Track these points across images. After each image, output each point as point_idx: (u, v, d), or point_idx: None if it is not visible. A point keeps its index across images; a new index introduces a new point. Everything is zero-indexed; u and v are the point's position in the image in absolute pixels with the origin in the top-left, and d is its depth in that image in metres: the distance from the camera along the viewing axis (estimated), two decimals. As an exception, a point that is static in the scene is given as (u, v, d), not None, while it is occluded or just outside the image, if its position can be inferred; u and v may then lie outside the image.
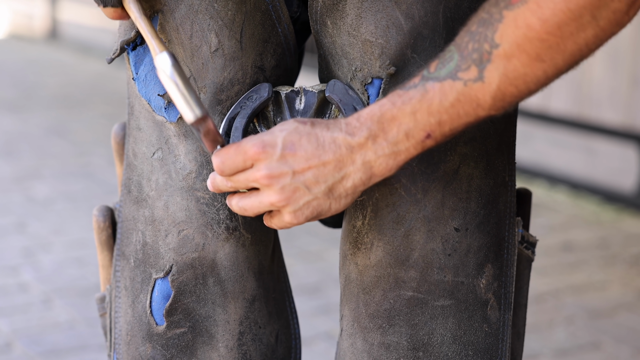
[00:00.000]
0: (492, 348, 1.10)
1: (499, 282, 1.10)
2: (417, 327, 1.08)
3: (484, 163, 1.08)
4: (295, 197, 0.99)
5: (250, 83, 1.10)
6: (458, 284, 1.08)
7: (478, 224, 1.08)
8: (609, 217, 3.67)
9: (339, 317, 1.15)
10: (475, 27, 0.95)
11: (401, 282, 1.08)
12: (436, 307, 1.08)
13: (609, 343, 2.58)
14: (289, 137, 0.98)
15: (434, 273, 1.07)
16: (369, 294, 1.09)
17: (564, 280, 3.00)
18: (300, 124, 0.99)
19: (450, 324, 1.08)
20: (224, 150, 1.01)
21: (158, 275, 1.12)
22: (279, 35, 1.11)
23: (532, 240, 1.16)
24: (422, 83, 0.96)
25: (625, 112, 3.79)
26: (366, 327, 1.10)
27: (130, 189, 1.15)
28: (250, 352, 1.15)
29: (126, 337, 1.16)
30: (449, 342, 1.08)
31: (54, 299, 2.82)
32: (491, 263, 1.10)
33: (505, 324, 1.11)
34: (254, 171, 0.99)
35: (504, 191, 1.11)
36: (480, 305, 1.09)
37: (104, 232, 1.20)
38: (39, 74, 7.06)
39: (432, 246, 1.07)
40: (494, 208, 1.10)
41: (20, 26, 9.49)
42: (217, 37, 1.08)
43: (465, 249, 1.08)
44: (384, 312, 1.09)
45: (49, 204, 3.77)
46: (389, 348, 1.09)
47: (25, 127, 5.22)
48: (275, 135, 0.99)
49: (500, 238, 1.11)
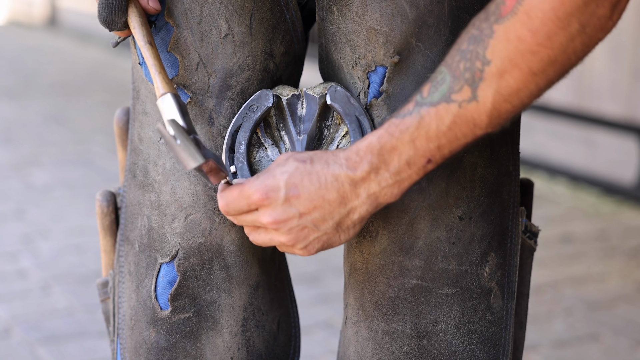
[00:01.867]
0: (496, 336, 1.10)
1: (502, 271, 1.10)
2: (422, 315, 1.08)
3: (487, 152, 1.08)
4: (304, 235, 1.00)
5: (260, 69, 1.10)
6: (462, 273, 1.08)
7: (482, 213, 1.08)
8: (609, 209, 3.68)
9: (344, 306, 1.15)
10: (465, 44, 0.95)
11: (405, 270, 1.08)
12: (440, 296, 1.08)
13: (607, 335, 2.59)
14: (290, 179, 0.98)
15: (438, 261, 1.07)
16: (373, 282, 1.09)
17: (563, 272, 3.01)
18: (300, 163, 0.99)
19: (455, 312, 1.08)
20: (228, 192, 1.01)
21: (164, 260, 1.12)
22: (287, 22, 1.11)
23: (535, 230, 1.16)
24: (416, 109, 0.96)
25: (625, 104, 3.78)
26: (371, 315, 1.10)
27: (136, 174, 1.15)
28: (253, 339, 1.15)
29: (130, 322, 1.15)
30: (453, 331, 1.08)
31: (53, 285, 2.82)
32: (494, 252, 1.10)
33: (508, 313, 1.11)
34: (260, 215, 1.00)
35: (507, 181, 1.11)
36: (483, 293, 1.09)
37: (107, 217, 1.20)
38: (38, 61, 7.06)
39: (437, 234, 1.07)
40: (497, 197, 1.10)
41: (20, 13, 9.47)
42: (227, 22, 1.08)
43: (469, 237, 1.08)
44: (389, 300, 1.08)
45: (48, 191, 3.77)
46: (393, 336, 1.09)
47: (24, 115, 5.21)
48: (277, 178, 0.99)
49: (504, 227, 1.11)
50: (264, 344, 1.17)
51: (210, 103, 1.10)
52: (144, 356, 1.14)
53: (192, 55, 1.09)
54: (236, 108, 1.10)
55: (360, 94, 1.07)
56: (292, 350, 1.23)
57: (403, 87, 1.05)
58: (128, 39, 1.14)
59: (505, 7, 0.92)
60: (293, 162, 1.00)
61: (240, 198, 1.00)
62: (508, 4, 0.92)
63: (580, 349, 2.50)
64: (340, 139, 1.09)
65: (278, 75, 1.13)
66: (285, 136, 1.10)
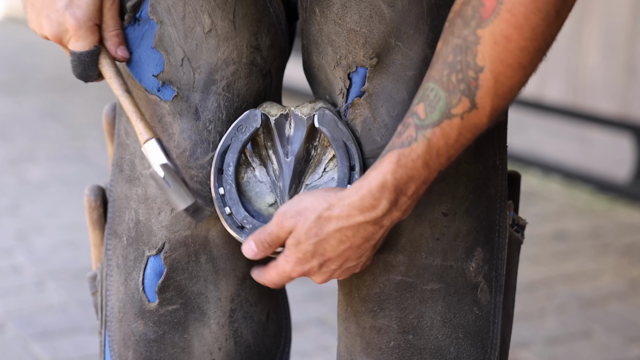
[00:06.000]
0: (483, 330, 1.11)
1: (489, 265, 1.11)
2: (407, 311, 1.09)
3: (472, 148, 1.07)
4: (338, 274, 1.06)
5: (247, 63, 1.11)
6: (447, 268, 1.09)
7: (467, 208, 1.09)
8: (602, 206, 3.68)
9: (338, 303, 1.16)
10: (451, 56, 0.96)
11: (390, 267, 1.08)
12: (425, 291, 1.08)
13: (600, 332, 2.59)
14: (318, 249, 1.02)
15: (422, 257, 1.08)
16: (360, 278, 1.10)
17: (556, 269, 3.01)
18: (314, 231, 1.02)
19: (440, 307, 1.09)
20: (267, 272, 1.08)
21: (151, 253, 1.13)
22: (271, 15, 1.12)
23: (522, 223, 1.17)
24: (420, 134, 0.97)
25: (619, 102, 3.79)
26: (358, 310, 1.11)
27: (123, 168, 1.16)
28: (241, 329, 1.17)
29: (118, 314, 1.16)
30: (439, 325, 1.09)
31: (47, 281, 2.82)
32: (481, 246, 1.10)
33: (496, 307, 1.12)
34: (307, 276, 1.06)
35: (494, 175, 1.11)
36: (470, 288, 1.10)
37: (95, 211, 1.21)
38: (34, 56, 7.04)
39: (420, 231, 1.07)
40: (483, 192, 1.10)
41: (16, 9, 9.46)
42: (210, 17, 1.09)
43: (454, 233, 1.08)
44: (374, 295, 1.09)
45: (43, 187, 3.77)
46: (380, 331, 1.10)
47: (19, 110, 5.21)
48: (301, 255, 1.03)
49: (491, 222, 1.11)
50: (252, 334, 1.18)
51: (196, 98, 1.10)
52: (133, 348, 1.15)
53: (177, 51, 1.10)
54: (222, 102, 1.11)
55: (342, 94, 1.08)
56: (282, 341, 1.24)
57: (384, 86, 1.06)
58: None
59: (485, 9, 0.93)
60: (305, 239, 1.02)
61: (280, 275, 1.06)
62: (488, 6, 0.93)
63: (573, 346, 2.50)
64: (328, 162, 1.10)
65: (267, 68, 1.13)
66: (272, 156, 1.11)
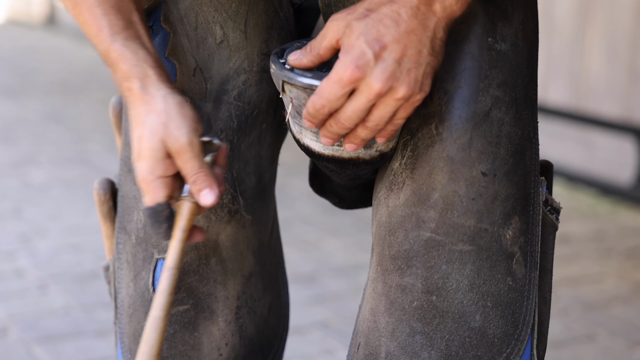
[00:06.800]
0: (516, 303, 1.05)
1: (525, 237, 1.06)
2: (432, 270, 1.03)
3: (513, 110, 1.05)
4: (414, 77, 0.94)
5: (257, 70, 1.11)
6: (481, 231, 1.03)
7: (507, 172, 1.04)
8: (605, 209, 3.68)
9: (370, 268, 1.12)
10: None
11: (421, 222, 1.04)
12: (454, 251, 1.03)
13: (603, 335, 2.59)
14: (368, 37, 0.93)
15: (454, 216, 1.03)
16: (393, 234, 1.06)
17: (559, 272, 3.01)
18: (364, 17, 0.93)
19: (469, 271, 1.03)
20: (318, 89, 0.95)
21: (160, 256, 1.15)
22: (281, 20, 1.12)
23: (557, 207, 1.12)
24: None
25: (622, 105, 3.79)
26: (387, 269, 1.06)
27: (131, 168, 1.16)
28: (245, 324, 1.19)
29: (128, 309, 1.18)
30: (465, 290, 1.03)
31: (50, 284, 2.82)
32: (518, 215, 1.05)
33: (531, 282, 1.07)
34: (365, 91, 0.94)
35: (529, 146, 1.07)
36: (505, 256, 1.04)
37: (105, 204, 1.23)
38: (37, 60, 7.05)
39: (454, 188, 1.03)
40: (521, 159, 1.06)
41: (18, 12, 9.47)
42: (222, 29, 1.09)
43: (492, 195, 1.04)
44: (404, 252, 1.05)
45: (46, 190, 3.77)
46: (404, 290, 1.05)
47: (22, 113, 5.21)
48: (354, 46, 0.93)
49: (527, 192, 1.07)
50: (255, 328, 1.21)
51: (208, 107, 1.11)
52: None
53: (189, 61, 1.10)
54: (233, 111, 1.11)
55: None
56: (280, 330, 1.27)
57: None
58: None
59: None
60: (356, 23, 0.93)
61: (332, 85, 0.94)
62: None
63: (577, 350, 2.50)
64: None
65: None
66: None
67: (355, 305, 2.60)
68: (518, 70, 1.05)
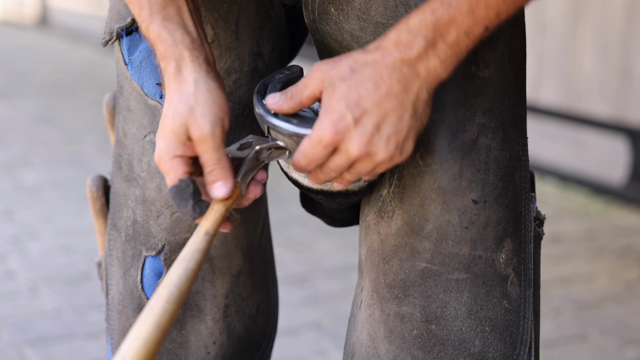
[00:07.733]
0: (513, 325, 1.07)
1: (518, 257, 1.07)
2: (430, 299, 1.05)
3: (500, 134, 1.06)
4: (395, 142, 0.94)
5: (249, 70, 1.12)
6: (475, 258, 1.05)
7: (496, 197, 1.06)
8: (597, 209, 3.68)
9: (359, 290, 1.13)
10: None
11: (416, 253, 1.05)
12: (450, 280, 1.05)
13: (595, 335, 2.59)
14: (349, 100, 0.93)
15: (449, 245, 1.04)
16: (387, 263, 1.07)
17: (551, 272, 3.01)
18: (347, 78, 0.93)
19: (466, 298, 1.05)
20: (300, 148, 0.96)
21: (149, 254, 1.15)
22: (272, 20, 1.13)
23: (542, 218, 1.14)
24: None
25: (614, 105, 3.79)
26: (384, 297, 1.08)
27: (121, 166, 1.17)
28: (233, 323, 1.19)
29: (118, 306, 1.19)
30: (464, 317, 1.05)
31: (42, 286, 2.81)
32: (510, 238, 1.07)
33: (526, 301, 1.08)
34: (343, 154, 0.94)
35: (519, 165, 1.08)
36: (499, 280, 1.06)
37: (97, 201, 1.23)
38: (29, 60, 7.04)
39: (447, 218, 1.04)
40: (510, 181, 1.07)
41: (11, 12, 9.45)
42: (213, 29, 1.09)
43: (484, 222, 1.05)
44: (400, 282, 1.06)
45: (38, 192, 3.77)
46: (403, 319, 1.06)
47: (14, 114, 5.20)
48: (334, 108, 0.93)
49: (518, 212, 1.08)
50: (243, 327, 1.21)
51: None
52: None
53: None
54: None
55: None
56: (269, 329, 1.27)
57: None
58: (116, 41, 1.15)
59: None
60: (339, 84, 0.93)
61: (314, 146, 0.94)
62: None
63: (569, 349, 2.50)
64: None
65: (269, 71, 1.14)
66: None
67: (348, 306, 2.59)
68: (504, 93, 1.06)
